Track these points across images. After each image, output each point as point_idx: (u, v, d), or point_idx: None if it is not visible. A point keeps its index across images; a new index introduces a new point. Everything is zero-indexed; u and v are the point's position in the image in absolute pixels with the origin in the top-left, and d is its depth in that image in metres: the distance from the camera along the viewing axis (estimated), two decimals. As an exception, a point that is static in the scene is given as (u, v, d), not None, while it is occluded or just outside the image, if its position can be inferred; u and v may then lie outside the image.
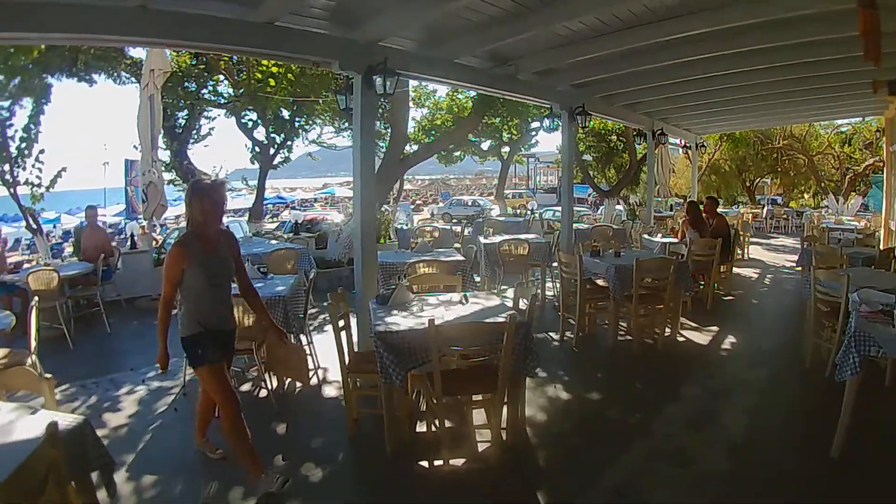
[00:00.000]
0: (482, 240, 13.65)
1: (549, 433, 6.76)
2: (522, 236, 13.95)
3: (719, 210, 13.94)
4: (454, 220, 28.19)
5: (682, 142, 24.41)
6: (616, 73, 12.18)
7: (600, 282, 10.12)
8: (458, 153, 28.19)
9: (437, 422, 5.97)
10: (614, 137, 28.66)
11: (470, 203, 49.05)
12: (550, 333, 10.42)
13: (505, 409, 6.09)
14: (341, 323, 6.54)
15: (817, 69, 11.96)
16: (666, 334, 9.69)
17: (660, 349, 9.41)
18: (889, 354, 5.68)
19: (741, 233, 18.86)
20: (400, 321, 6.27)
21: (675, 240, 13.34)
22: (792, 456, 6.07)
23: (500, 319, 6.02)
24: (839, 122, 35.82)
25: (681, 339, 10.10)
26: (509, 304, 7.18)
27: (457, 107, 25.06)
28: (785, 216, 31.27)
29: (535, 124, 24.38)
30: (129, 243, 14.94)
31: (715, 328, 10.72)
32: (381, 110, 20.56)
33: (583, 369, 8.97)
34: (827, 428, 5.92)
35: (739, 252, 18.53)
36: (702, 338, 10.23)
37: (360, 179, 8.88)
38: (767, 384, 8.14)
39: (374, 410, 6.58)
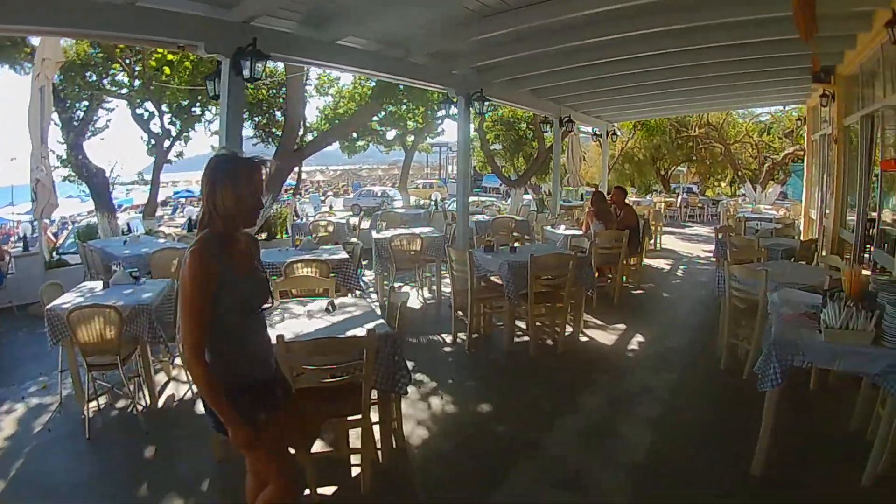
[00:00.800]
0: (374, 234, 12.98)
1: (433, 452, 5.99)
2: (417, 230, 13.20)
3: (629, 200, 13.50)
4: (363, 212, 27.46)
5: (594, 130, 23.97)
6: (517, 56, 11.55)
7: (497, 279, 9.39)
8: (361, 143, 27.41)
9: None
10: (524, 126, 28.12)
11: (380, 194, 48.24)
12: (443, 335, 9.71)
13: (378, 428, 5.50)
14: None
15: (737, 54, 11.67)
16: (567, 334, 9.14)
17: (560, 351, 8.75)
18: (815, 363, 5.08)
19: (653, 223, 18.46)
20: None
21: (580, 232, 12.72)
22: (706, 475, 5.39)
23: (363, 331, 5.30)
24: (758, 111, 36.01)
25: (583, 339, 9.46)
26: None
27: (359, 95, 24.20)
28: (700, 205, 31.38)
29: (442, 112, 23.77)
30: (22, 245, 13.87)
31: (622, 326, 10.13)
32: (273, 98, 20.27)
33: (475, 375, 8.34)
34: (746, 440, 5.40)
35: (651, 243, 18.12)
36: (607, 337, 9.60)
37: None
38: (679, 390, 7.49)
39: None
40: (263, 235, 16.80)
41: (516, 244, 10.58)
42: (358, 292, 9.50)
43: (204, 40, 7.82)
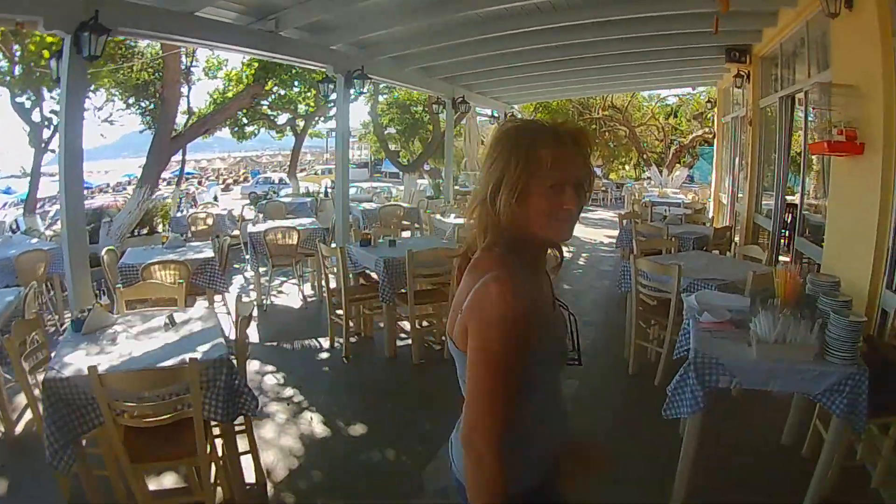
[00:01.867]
0: (249, 227, 12.04)
1: (296, 489, 5.12)
2: (296, 221, 12.36)
3: None
4: (249, 202, 26.26)
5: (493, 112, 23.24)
6: (403, 30, 10.85)
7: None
8: (252, 128, 26.26)
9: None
10: (420, 108, 27.41)
11: (277, 181, 46.93)
12: (320, 339, 8.80)
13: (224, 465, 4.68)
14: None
15: (646, 30, 11.05)
16: None
17: (447, 357, 7.94)
18: (744, 385, 4.18)
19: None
20: (77, 361, 4.41)
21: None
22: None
23: (198, 354, 4.45)
24: (665, 93, 35.86)
25: None
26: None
27: (247, 77, 23.05)
28: (604, 189, 30.92)
29: (334, 95, 22.86)
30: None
31: None
32: (151, 82, 19.34)
33: (351, 389, 7.43)
34: (662, 461, 4.83)
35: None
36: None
37: (64, 162, 7.34)
38: (583, 400, 6.67)
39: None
40: (145, 230, 15.77)
41: (400, 236, 9.76)
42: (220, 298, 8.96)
43: (42, 15, 6.92)
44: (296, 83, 22.67)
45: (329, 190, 24.62)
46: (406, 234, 15.26)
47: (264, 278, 11.04)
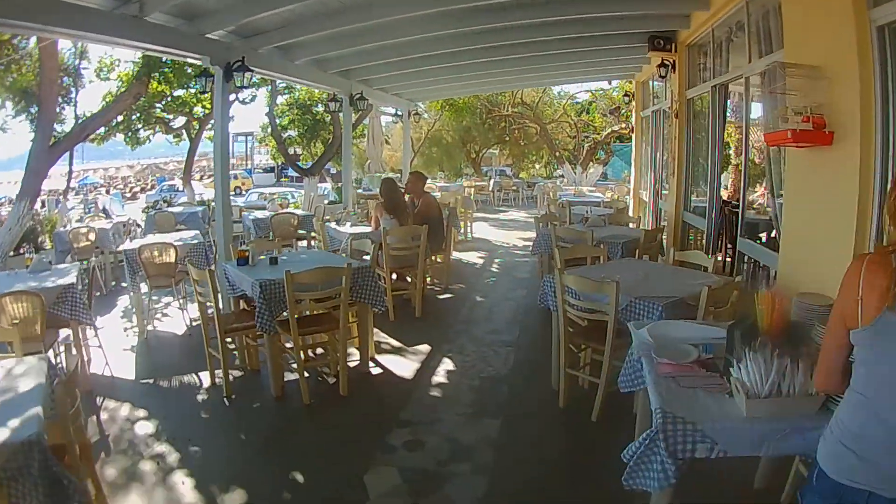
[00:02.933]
0: (126, 244, 10.75)
1: None
2: (176, 236, 11.08)
3: (433, 186, 11.76)
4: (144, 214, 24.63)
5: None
6: (288, 15, 9.67)
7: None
8: (146, 133, 24.60)
9: None
10: (321, 108, 26.04)
11: (181, 188, 45.20)
12: (202, 374, 7.47)
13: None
14: None
15: (559, 23, 10.62)
16: (354, 365, 7.34)
17: (343, 392, 6.72)
18: (730, 452, 3.08)
19: (462, 211, 16.89)
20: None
21: (369, 228, 10.64)
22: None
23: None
24: (574, 90, 35.24)
25: (375, 370, 7.49)
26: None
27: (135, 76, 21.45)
28: (515, 188, 30.36)
29: (232, 97, 21.47)
30: None
31: (425, 347, 8.22)
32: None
33: (231, 438, 6.09)
34: None
35: (461, 233, 16.74)
36: (406, 366, 7.61)
37: None
38: (508, 448, 5.55)
39: None
40: (26, 249, 14.17)
41: (295, 248, 8.50)
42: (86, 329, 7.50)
43: None
44: (191, 84, 20.96)
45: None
46: (303, 244, 14.08)
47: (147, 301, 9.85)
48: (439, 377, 7.37)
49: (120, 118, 22.17)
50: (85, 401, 5.40)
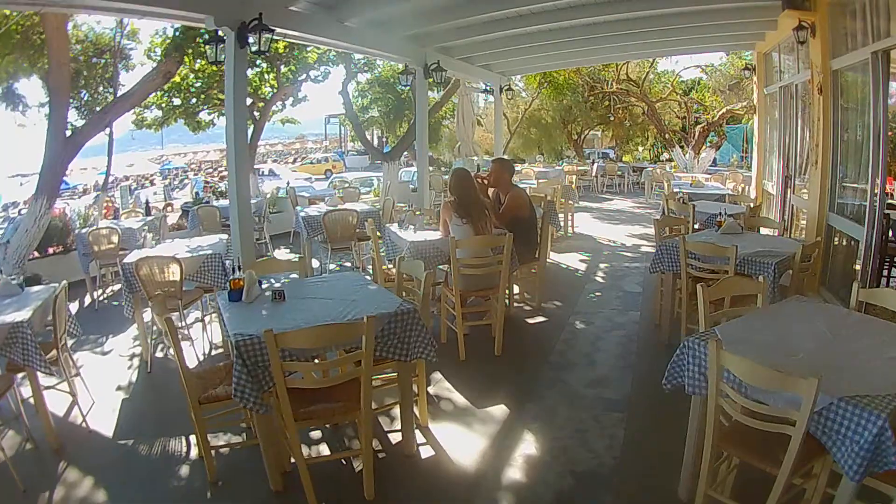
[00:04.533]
0: (131, 256, 8.40)
1: None
2: (192, 243, 9.04)
3: (526, 174, 9.34)
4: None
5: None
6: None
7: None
8: (209, 118, 22.72)
9: None
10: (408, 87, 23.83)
11: (267, 172, 44.12)
12: (191, 437, 5.55)
13: None
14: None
15: None
16: (395, 442, 5.39)
17: (368, 496, 4.50)
18: None
19: (561, 203, 14.42)
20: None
21: (438, 234, 8.13)
22: None
23: None
24: (683, 65, 32.51)
25: (424, 449, 5.30)
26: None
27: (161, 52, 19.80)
28: (619, 173, 27.41)
29: (303, 76, 19.78)
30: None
31: (501, 408, 5.98)
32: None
33: None
34: None
35: (559, 229, 14.09)
36: (470, 442, 5.36)
37: None
38: None
39: None
40: (55, 250, 12.81)
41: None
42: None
43: None
44: (257, 62, 19.60)
45: (285, 188, 20.59)
46: (366, 245, 11.67)
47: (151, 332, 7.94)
48: (514, 469, 5.00)
49: (178, 101, 20.91)
50: (50, 463, 5.26)
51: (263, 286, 5.64)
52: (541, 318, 8.82)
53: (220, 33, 7.91)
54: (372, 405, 4.72)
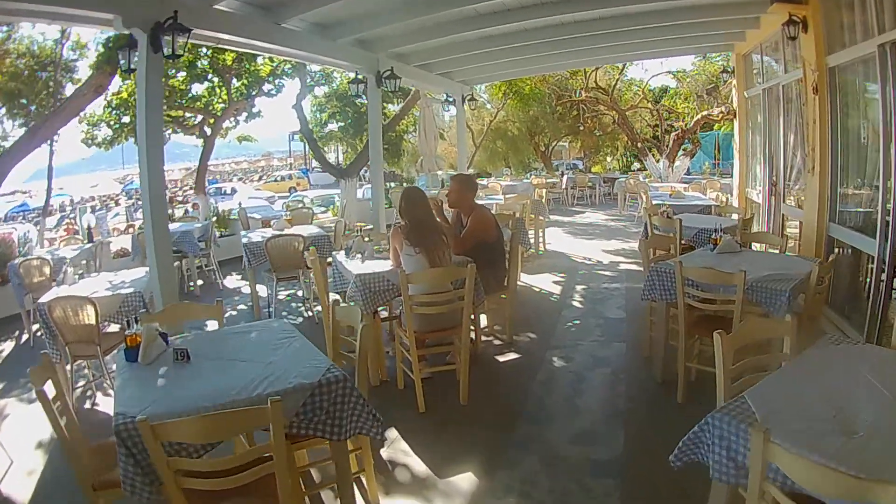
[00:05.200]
0: (51, 292, 7.39)
1: None
2: (117, 279, 7.90)
3: (496, 187, 8.43)
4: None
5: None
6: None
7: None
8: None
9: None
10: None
11: (229, 191, 43.43)
12: None
13: None
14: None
15: None
16: None
17: None
18: None
19: (531, 218, 13.34)
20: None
21: (388, 265, 6.81)
22: None
23: None
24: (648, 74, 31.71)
25: None
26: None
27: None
28: (590, 184, 26.60)
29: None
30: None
31: (468, 478, 4.92)
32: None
33: None
34: None
35: (530, 247, 12.95)
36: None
37: None
38: None
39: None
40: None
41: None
42: None
43: None
44: (208, 76, 19.37)
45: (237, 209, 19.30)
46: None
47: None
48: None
49: (126, 119, 19.94)
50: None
51: (174, 339, 4.61)
52: (513, 355, 7.70)
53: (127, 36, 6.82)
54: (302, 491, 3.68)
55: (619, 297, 10.13)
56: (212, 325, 6.63)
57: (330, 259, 7.92)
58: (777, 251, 7.85)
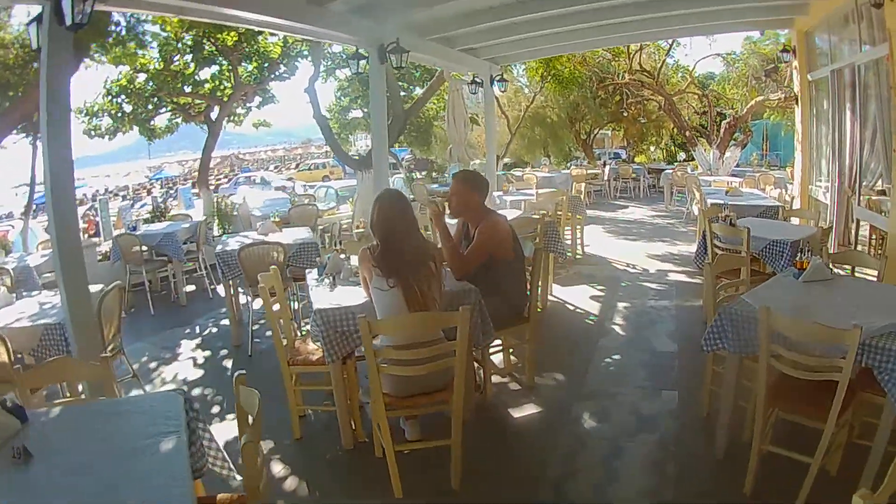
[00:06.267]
0: None
1: None
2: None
3: (531, 178, 7.59)
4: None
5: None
6: None
7: None
8: (164, 122, 20.93)
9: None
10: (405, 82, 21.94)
11: (258, 180, 42.45)
12: None
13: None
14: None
15: None
16: None
17: None
18: None
19: (567, 216, 11.60)
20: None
21: (361, 297, 5.10)
22: None
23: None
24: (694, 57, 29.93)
25: None
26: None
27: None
28: (634, 176, 24.88)
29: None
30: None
31: None
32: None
33: None
34: None
35: (564, 254, 10.66)
36: None
37: None
38: None
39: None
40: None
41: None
42: None
43: None
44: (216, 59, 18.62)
45: (239, 202, 17.72)
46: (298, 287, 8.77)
47: None
48: None
49: (128, 108, 19.47)
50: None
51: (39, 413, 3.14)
52: (532, 408, 5.90)
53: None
54: None
55: (668, 320, 8.35)
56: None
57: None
58: (875, 278, 5.96)
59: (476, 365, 6.00)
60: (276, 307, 5.43)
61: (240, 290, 8.69)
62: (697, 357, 6.09)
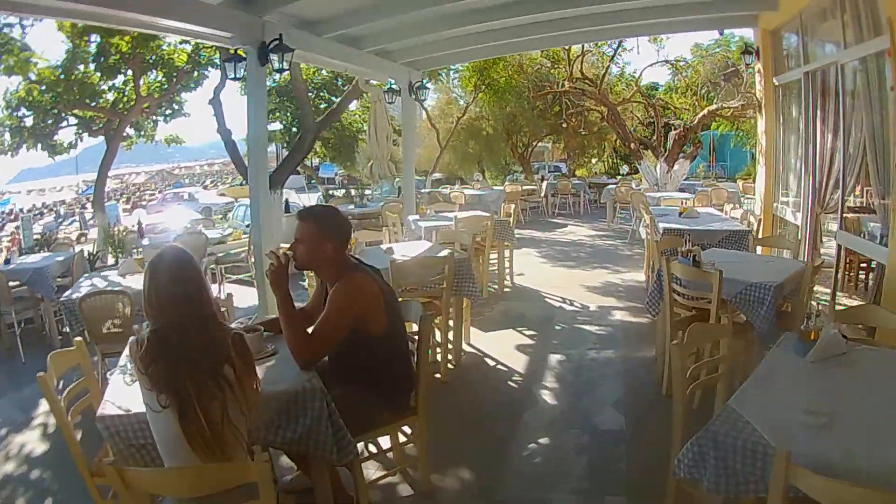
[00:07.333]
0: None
1: None
2: None
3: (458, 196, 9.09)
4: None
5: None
6: None
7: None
8: (71, 138, 19.90)
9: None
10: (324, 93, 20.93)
11: (186, 196, 41.73)
12: None
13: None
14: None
15: None
16: None
17: None
18: None
19: (492, 245, 10.15)
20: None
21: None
22: None
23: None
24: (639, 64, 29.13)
25: None
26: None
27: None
28: (574, 191, 23.99)
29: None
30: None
31: None
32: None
33: None
34: None
35: (483, 290, 9.40)
36: None
37: None
38: None
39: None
40: None
41: None
42: None
43: None
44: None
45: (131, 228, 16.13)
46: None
47: None
48: None
49: (30, 122, 18.68)
50: None
51: None
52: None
53: None
54: None
55: (613, 381, 6.70)
56: None
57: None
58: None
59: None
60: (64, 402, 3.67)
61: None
62: (653, 439, 4.63)
